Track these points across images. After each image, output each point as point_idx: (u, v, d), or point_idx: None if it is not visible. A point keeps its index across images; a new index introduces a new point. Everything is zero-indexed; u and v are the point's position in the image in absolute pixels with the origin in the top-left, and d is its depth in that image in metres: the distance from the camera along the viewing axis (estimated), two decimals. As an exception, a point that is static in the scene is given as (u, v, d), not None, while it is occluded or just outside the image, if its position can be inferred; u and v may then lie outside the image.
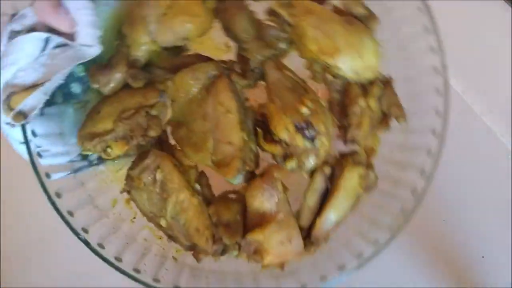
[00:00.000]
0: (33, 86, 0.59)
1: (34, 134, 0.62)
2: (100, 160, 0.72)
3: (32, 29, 0.59)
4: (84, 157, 0.71)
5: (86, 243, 0.61)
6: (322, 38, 0.64)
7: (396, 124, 0.70)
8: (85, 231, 0.62)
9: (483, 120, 0.88)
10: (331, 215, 0.67)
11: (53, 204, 0.61)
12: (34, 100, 0.59)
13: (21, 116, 0.59)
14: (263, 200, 0.65)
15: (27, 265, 0.60)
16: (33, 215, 0.80)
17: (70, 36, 0.61)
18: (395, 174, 0.71)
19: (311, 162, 0.65)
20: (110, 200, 0.71)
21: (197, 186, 0.68)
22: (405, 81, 0.72)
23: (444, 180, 0.67)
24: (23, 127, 0.61)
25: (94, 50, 0.62)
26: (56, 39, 0.59)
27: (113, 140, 0.65)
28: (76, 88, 0.70)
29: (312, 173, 0.68)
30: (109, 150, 0.65)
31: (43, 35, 0.58)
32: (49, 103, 0.66)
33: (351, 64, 0.64)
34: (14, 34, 0.58)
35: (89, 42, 0.61)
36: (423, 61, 0.69)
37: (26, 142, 0.61)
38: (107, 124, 0.65)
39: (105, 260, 0.61)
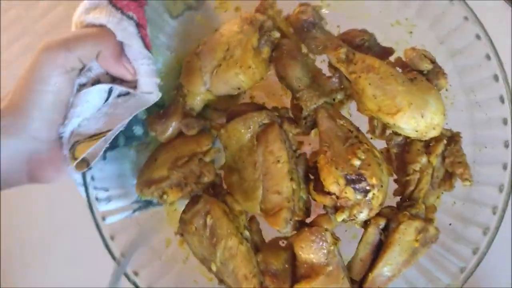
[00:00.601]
0: (96, 135, 0.62)
1: (92, 178, 0.66)
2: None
3: (97, 80, 0.62)
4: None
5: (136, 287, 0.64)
6: (382, 97, 0.61)
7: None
8: (136, 274, 0.65)
9: None
10: (384, 270, 0.64)
11: (107, 246, 0.64)
12: (96, 149, 0.62)
13: (84, 164, 0.62)
14: (311, 253, 0.64)
15: (27, 265, 0.62)
16: (33, 215, 0.82)
17: (133, 84, 0.64)
18: (457, 229, 0.67)
19: (363, 215, 0.62)
20: (165, 240, 0.73)
21: (246, 233, 0.68)
22: (472, 128, 0.68)
23: None
24: (83, 173, 0.65)
25: (153, 96, 0.64)
26: (118, 89, 0.62)
27: (169, 187, 0.67)
28: (138, 130, 0.73)
29: (366, 224, 0.66)
30: (165, 196, 0.68)
31: (107, 86, 0.61)
32: (111, 147, 0.70)
33: (413, 124, 0.60)
34: (81, 87, 0.61)
35: (149, 90, 0.63)
36: (491, 111, 0.65)
37: (86, 188, 0.65)
38: (163, 171, 0.67)
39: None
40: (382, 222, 0.65)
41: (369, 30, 0.69)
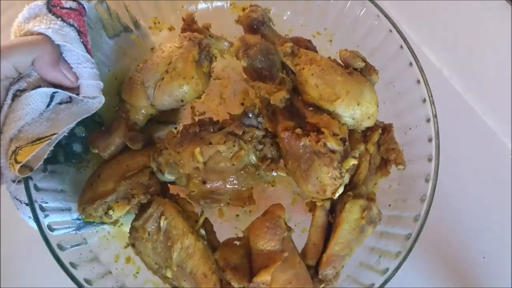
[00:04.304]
0: (39, 139, 0.60)
1: (36, 188, 0.63)
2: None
3: (37, 86, 0.61)
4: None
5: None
6: (322, 86, 0.66)
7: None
8: (88, 282, 0.61)
9: (484, 120, 0.87)
10: (336, 249, 0.66)
11: (56, 257, 0.60)
12: (39, 152, 0.59)
13: (27, 169, 0.59)
14: (267, 239, 0.65)
15: (27, 265, 0.58)
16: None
17: (75, 90, 0.63)
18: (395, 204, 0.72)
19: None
20: (113, 256, 0.70)
21: (202, 232, 0.67)
22: (396, 116, 0.76)
23: (445, 180, 0.67)
24: (26, 182, 0.62)
25: (97, 101, 0.64)
26: (61, 95, 0.62)
27: (114, 201, 0.65)
28: (77, 147, 0.72)
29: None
30: (110, 212, 0.65)
31: (49, 90, 0.60)
32: (52, 161, 0.68)
33: (350, 111, 0.66)
34: (20, 93, 0.60)
35: (92, 94, 0.63)
36: (411, 95, 0.73)
37: (29, 197, 0.62)
38: (109, 185, 0.66)
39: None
40: (327, 204, 0.68)
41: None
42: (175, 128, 0.77)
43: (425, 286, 0.78)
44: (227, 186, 0.66)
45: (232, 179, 0.66)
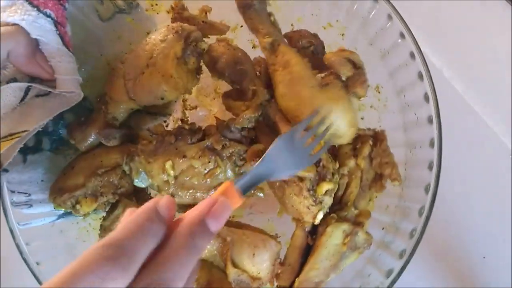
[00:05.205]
0: (10, 135, 0.59)
1: (13, 181, 0.63)
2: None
3: (12, 79, 0.59)
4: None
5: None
6: (288, 97, 0.59)
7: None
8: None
9: (484, 120, 0.84)
10: (310, 275, 0.61)
11: (21, 252, 0.61)
12: (9, 149, 0.59)
13: None
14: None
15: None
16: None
17: (52, 83, 0.61)
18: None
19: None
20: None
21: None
22: (404, 129, 0.68)
23: (445, 180, 0.62)
24: (-1, 176, 0.62)
25: (75, 96, 0.62)
26: (37, 88, 0.60)
27: (83, 196, 0.64)
28: (66, 134, 0.70)
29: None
30: (78, 206, 0.64)
31: (23, 85, 0.59)
32: (33, 150, 0.67)
33: None
34: (-6, 86, 0.59)
35: (69, 89, 0.61)
36: (419, 111, 0.64)
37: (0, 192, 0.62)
38: (79, 179, 0.64)
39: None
40: (307, 224, 0.63)
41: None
42: (165, 121, 0.74)
43: (424, 286, 0.76)
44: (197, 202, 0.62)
45: (203, 196, 0.61)
